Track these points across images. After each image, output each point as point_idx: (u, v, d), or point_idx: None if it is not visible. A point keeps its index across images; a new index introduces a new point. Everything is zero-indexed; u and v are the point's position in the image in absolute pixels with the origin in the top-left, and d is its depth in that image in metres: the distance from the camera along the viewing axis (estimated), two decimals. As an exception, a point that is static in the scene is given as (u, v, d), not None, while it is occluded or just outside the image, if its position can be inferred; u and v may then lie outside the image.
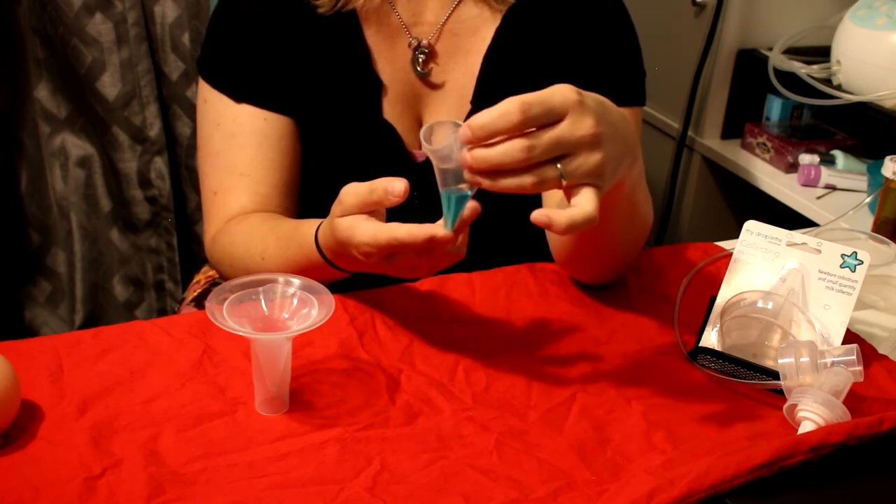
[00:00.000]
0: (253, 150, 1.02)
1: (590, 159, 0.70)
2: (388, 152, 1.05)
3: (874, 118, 1.64)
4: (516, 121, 0.67)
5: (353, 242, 0.79)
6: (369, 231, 0.77)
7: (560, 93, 0.69)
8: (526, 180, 0.69)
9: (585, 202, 0.70)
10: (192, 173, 1.90)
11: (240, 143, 1.03)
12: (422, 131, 0.73)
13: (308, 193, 1.08)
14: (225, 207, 1.03)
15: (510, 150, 0.68)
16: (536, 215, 0.70)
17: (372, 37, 1.04)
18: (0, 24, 1.70)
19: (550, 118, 0.69)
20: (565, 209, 0.70)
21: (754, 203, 1.89)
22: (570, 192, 0.71)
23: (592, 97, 0.72)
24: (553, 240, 0.98)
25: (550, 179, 0.70)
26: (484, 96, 1.05)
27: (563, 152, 0.69)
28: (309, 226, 0.90)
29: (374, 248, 0.77)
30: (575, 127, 0.69)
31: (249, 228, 0.99)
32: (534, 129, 0.69)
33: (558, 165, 0.69)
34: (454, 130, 0.71)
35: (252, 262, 0.96)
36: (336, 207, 0.81)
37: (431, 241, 0.74)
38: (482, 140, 0.68)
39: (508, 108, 0.67)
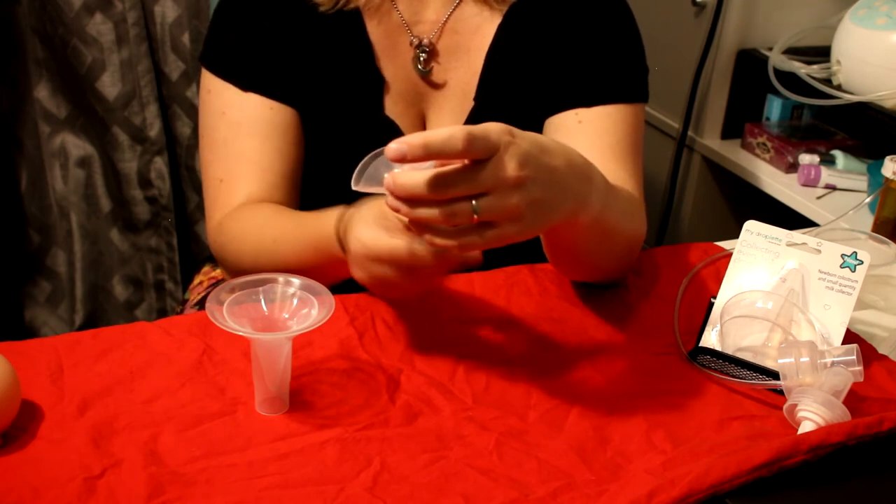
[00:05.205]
0: (260, 138, 1.02)
1: (505, 201, 0.69)
2: None
3: (874, 118, 1.64)
4: (460, 148, 0.66)
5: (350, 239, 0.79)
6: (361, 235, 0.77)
7: (495, 131, 0.68)
8: (437, 211, 0.69)
9: (462, 239, 0.70)
10: (192, 173, 1.90)
11: (247, 132, 1.02)
12: (355, 174, 0.72)
13: (308, 190, 1.08)
14: (232, 194, 1.02)
15: (430, 181, 0.67)
16: None
17: (375, 35, 1.04)
18: (0, 24, 1.70)
19: (485, 154, 0.68)
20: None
21: (754, 203, 1.89)
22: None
23: (529, 140, 0.71)
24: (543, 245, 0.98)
25: (462, 213, 0.69)
26: (488, 94, 1.05)
27: (479, 191, 0.68)
28: (332, 211, 0.89)
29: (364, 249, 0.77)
30: (496, 168, 0.68)
31: (265, 214, 0.99)
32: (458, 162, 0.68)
33: (473, 202, 0.69)
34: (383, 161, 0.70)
35: (262, 246, 0.95)
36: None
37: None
38: (415, 159, 0.67)
39: (455, 135, 0.66)
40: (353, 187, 0.72)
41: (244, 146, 1.02)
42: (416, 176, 0.68)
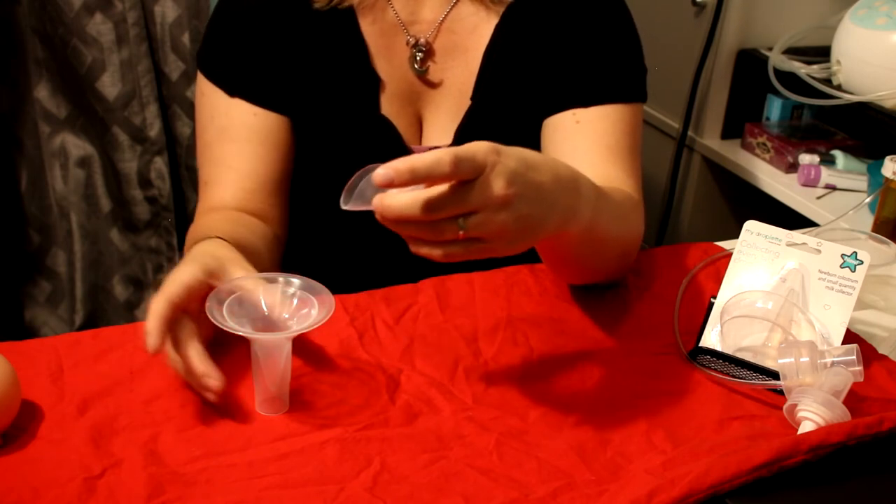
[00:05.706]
0: (241, 144, 1.03)
1: (492, 219, 0.69)
2: (386, 148, 1.05)
3: (874, 118, 1.64)
4: (447, 171, 0.66)
5: None
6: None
7: (482, 151, 0.68)
8: (425, 229, 0.69)
9: (447, 250, 0.70)
10: (192, 173, 1.90)
11: (230, 137, 1.03)
12: (343, 193, 0.72)
13: (306, 190, 1.08)
14: (209, 198, 1.04)
15: (419, 205, 0.67)
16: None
17: (370, 34, 1.04)
18: (0, 24, 1.70)
19: (472, 175, 0.68)
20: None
21: (754, 203, 1.89)
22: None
23: (516, 157, 0.71)
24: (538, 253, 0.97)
25: (449, 230, 0.69)
26: (485, 94, 1.05)
27: (466, 211, 0.68)
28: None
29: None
30: (483, 188, 0.68)
31: (208, 225, 0.96)
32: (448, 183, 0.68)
33: (460, 220, 0.69)
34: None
35: None
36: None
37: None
38: (403, 184, 0.66)
39: (441, 159, 0.66)
40: (343, 207, 0.72)
41: (225, 151, 1.03)
42: (405, 198, 0.67)
